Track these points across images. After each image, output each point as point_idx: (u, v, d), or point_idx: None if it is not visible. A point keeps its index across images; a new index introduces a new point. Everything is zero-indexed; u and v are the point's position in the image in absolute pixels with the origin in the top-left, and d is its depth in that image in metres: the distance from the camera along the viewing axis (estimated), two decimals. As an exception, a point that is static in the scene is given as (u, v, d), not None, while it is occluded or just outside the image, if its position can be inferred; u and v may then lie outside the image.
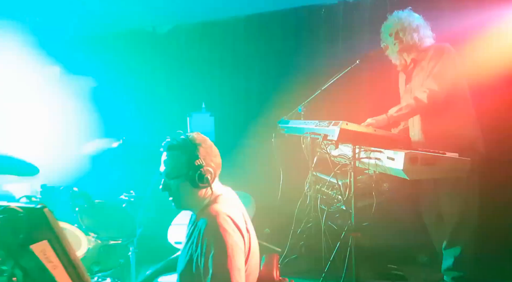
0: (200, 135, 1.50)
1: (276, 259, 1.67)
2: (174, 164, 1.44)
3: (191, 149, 1.44)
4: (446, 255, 2.63)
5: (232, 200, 1.51)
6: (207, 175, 1.42)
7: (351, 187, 2.47)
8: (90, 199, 2.27)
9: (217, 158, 1.50)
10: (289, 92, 3.84)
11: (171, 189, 1.45)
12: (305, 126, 2.67)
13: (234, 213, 1.40)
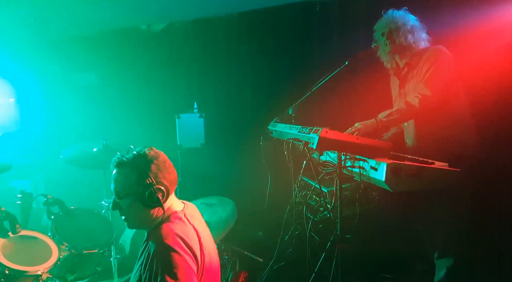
0: (152, 151, 1.43)
1: (243, 277, 1.61)
2: (123, 182, 1.38)
3: (141, 166, 1.37)
4: (438, 266, 2.55)
5: (189, 217, 1.45)
6: (158, 194, 1.36)
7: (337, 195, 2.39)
8: (64, 206, 2.24)
9: (171, 174, 1.43)
10: (283, 93, 3.75)
11: (121, 208, 1.40)
12: (289, 131, 2.58)
13: (186, 233, 1.33)
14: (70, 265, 2.17)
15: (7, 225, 1.89)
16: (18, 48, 3.87)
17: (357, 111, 2.96)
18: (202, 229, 1.47)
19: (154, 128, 3.79)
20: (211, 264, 1.42)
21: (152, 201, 1.35)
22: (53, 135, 3.80)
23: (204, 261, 1.35)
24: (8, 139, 3.76)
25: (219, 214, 2.43)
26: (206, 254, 1.37)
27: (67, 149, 2.68)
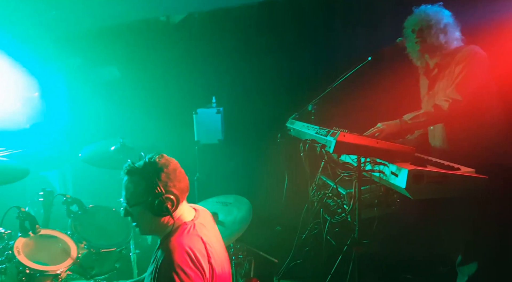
0: (163, 159, 1.42)
1: (254, 285, 1.60)
2: (133, 191, 1.39)
3: (150, 175, 1.36)
4: (460, 272, 2.47)
5: (199, 227, 1.44)
6: (167, 203, 1.35)
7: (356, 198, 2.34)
8: (83, 205, 2.30)
9: (182, 182, 1.42)
10: (303, 88, 3.68)
11: (132, 215, 1.41)
12: (306, 131, 2.53)
13: (194, 246, 1.33)
14: (89, 263, 2.24)
15: (27, 225, 1.96)
16: (40, 43, 3.94)
17: (380, 110, 2.85)
18: (211, 237, 1.46)
19: (171, 124, 3.78)
20: (221, 273, 1.41)
21: (161, 210, 1.35)
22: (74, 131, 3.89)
23: (213, 271, 1.35)
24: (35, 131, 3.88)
25: (235, 214, 2.42)
26: (215, 264, 1.37)
27: (85, 148, 2.73)
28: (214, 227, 1.59)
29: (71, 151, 3.44)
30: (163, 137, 3.73)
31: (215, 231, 1.57)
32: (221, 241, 1.59)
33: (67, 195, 2.31)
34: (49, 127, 3.95)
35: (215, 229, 1.59)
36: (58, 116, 3.96)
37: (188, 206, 1.52)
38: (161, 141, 3.65)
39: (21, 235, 1.97)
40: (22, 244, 1.98)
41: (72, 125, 3.96)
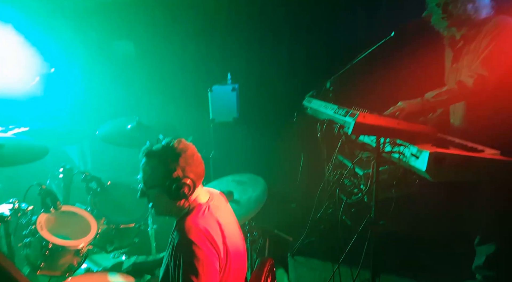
0: (181, 144, 1.42)
1: (269, 264, 1.62)
2: (150, 174, 1.41)
3: (169, 160, 1.38)
4: (478, 252, 2.46)
5: (213, 209, 1.45)
6: (184, 188, 1.36)
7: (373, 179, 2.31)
8: (101, 182, 2.35)
9: (199, 167, 1.42)
10: (322, 64, 3.58)
11: (149, 196, 1.43)
12: (324, 111, 2.48)
13: (209, 227, 1.35)
14: (109, 238, 2.32)
15: (49, 202, 2.03)
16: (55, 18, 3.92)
17: (402, 88, 2.75)
18: (226, 219, 1.48)
19: (187, 102, 3.77)
20: (236, 253, 1.44)
21: (178, 195, 1.36)
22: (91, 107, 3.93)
23: (228, 252, 1.37)
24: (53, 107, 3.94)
25: (249, 193, 2.43)
26: (230, 244, 1.39)
27: (102, 125, 2.76)
28: (229, 208, 1.61)
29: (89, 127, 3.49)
30: (178, 115, 3.73)
31: (230, 212, 1.59)
32: (235, 221, 1.61)
33: (86, 172, 2.36)
34: (67, 103, 4.00)
35: (230, 210, 1.60)
36: (75, 92, 4.00)
37: (203, 188, 1.53)
38: (177, 119, 3.65)
39: (43, 211, 2.04)
40: (45, 220, 2.06)
41: (89, 101, 4.00)
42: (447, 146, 1.88)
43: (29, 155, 2.09)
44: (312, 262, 3.11)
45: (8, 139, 2.12)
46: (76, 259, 2.03)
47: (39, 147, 2.18)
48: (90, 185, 2.36)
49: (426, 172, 1.82)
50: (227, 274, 1.38)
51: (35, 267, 1.95)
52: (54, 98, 3.90)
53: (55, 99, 3.91)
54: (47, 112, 3.82)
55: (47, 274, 1.98)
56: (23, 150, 2.11)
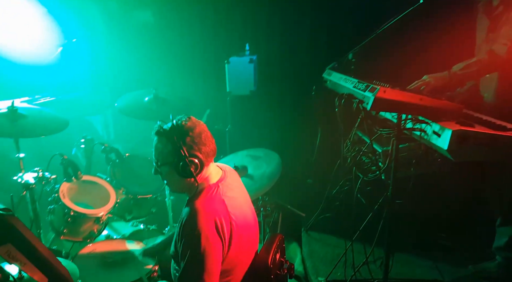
0: (190, 122, 1.42)
1: (278, 240, 1.65)
2: (160, 151, 1.44)
3: (176, 138, 1.39)
4: (499, 233, 2.41)
5: (223, 189, 1.47)
6: (190, 166, 1.37)
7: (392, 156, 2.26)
8: (120, 154, 2.42)
9: (208, 146, 1.43)
10: (345, 33, 3.44)
11: (162, 174, 1.46)
12: (344, 84, 2.41)
13: (217, 208, 1.37)
14: (127, 207, 2.41)
15: (70, 171, 2.11)
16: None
17: (429, 61, 2.63)
18: (237, 197, 1.50)
19: (205, 74, 3.74)
20: (245, 230, 1.46)
21: (185, 173, 1.38)
22: (112, 78, 3.97)
23: (233, 232, 1.38)
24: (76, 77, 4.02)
25: (263, 168, 2.44)
26: (237, 224, 1.40)
27: (121, 97, 2.79)
28: (240, 185, 1.63)
29: (112, 98, 3.55)
30: (197, 88, 3.72)
31: (241, 189, 1.60)
32: (246, 198, 1.62)
33: (105, 144, 2.43)
34: (89, 74, 4.06)
35: (241, 187, 1.62)
36: (97, 63, 4.04)
37: (215, 167, 1.54)
38: (195, 91, 3.65)
39: (66, 180, 2.13)
40: (67, 189, 2.16)
41: (110, 73, 4.04)
42: (472, 123, 1.81)
43: (51, 127, 2.16)
44: (326, 238, 3.13)
45: (31, 110, 2.19)
46: (96, 226, 2.13)
47: (59, 119, 2.24)
48: (109, 156, 2.43)
49: (447, 151, 1.77)
50: (235, 251, 1.40)
51: (58, 232, 2.06)
52: (77, 69, 3.96)
53: (78, 70, 3.97)
54: (71, 83, 3.91)
55: (70, 239, 2.09)
56: (44, 122, 2.18)
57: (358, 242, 2.55)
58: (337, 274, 2.65)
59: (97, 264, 1.94)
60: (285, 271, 1.63)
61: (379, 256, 2.69)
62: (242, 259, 1.47)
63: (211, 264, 1.30)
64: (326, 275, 2.66)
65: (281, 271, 1.61)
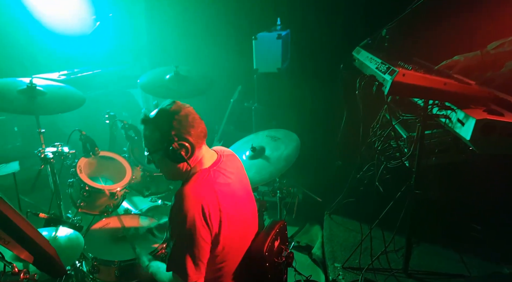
0: (175, 106, 1.41)
1: (279, 226, 1.63)
2: (149, 139, 1.45)
3: (162, 124, 1.39)
4: None
5: (215, 173, 1.46)
6: (181, 150, 1.37)
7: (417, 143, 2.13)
8: (138, 131, 2.49)
9: (197, 128, 1.41)
10: (383, 9, 3.19)
11: (155, 162, 1.48)
12: (369, 64, 2.26)
13: (205, 194, 1.37)
14: (145, 184, 2.51)
15: (88, 147, 2.22)
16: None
17: (469, 38, 2.38)
18: (232, 184, 1.48)
19: (231, 50, 3.68)
20: (238, 216, 1.46)
21: (176, 157, 1.38)
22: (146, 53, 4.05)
23: (222, 219, 1.38)
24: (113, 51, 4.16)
25: (281, 150, 2.40)
26: (226, 212, 1.40)
27: (144, 74, 2.83)
28: (239, 171, 1.61)
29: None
30: (220, 65, 3.69)
31: (239, 175, 1.58)
32: (244, 184, 1.61)
33: (124, 121, 2.51)
34: (129, 47, 4.18)
35: (239, 173, 1.60)
36: (136, 37, 4.13)
37: (209, 150, 1.53)
38: (218, 68, 3.62)
39: (84, 155, 2.25)
40: (84, 164, 2.28)
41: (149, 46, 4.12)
42: (502, 112, 1.62)
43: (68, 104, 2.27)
44: (348, 223, 3.08)
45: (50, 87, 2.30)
46: (112, 201, 2.25)
47: (77, 96, 2.34)
48: (129, 133, 2.51)
49: (470, 142, 1.63)
50: (226, 238, 1.41)
51: (76, 205, 2.21)
52: (117, 43, 4.10)
53: (117, 44, 4.10)
54: (113, 56, 4.06)
55: (87, 213, 2.23)
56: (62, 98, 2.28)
57: (379, 230, 2.49)
58: (355, 262, 2.61)
59: (107, 238, 2.06)
60: (283, 259, 1.62)
61: (400, 245, 2.60)
62: (235, 245, 1.47)
63: (197, 248, 1.32)
64: (343, 262, 2.63)
65: (279, 258, 1.60)
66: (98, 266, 1.92)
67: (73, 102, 2.27)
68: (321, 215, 3.26)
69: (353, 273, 2.55)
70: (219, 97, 3.72)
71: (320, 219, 3.25)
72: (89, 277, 1.95)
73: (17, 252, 1.10)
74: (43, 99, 2.16)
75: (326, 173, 3.44)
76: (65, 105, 2.26)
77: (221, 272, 1.46)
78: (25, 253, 1.10)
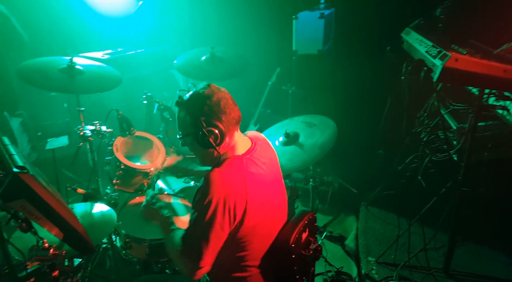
0: (208, 89, 1.37)
1: (308, 218, 1.58)
2: (181, 122, 1.43)
3: (193, 108, 1.37)
4: None
5: (247, 162, 1.42)
6: (210, 137, 1.34)
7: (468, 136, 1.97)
8: (173, 113, 2.51)
9: (229, 114, 1.37)
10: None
11: (187, 145, 1.46)
12: (418, 47, 2.09)
13: (233, 183, 1.34)
14: (178, 165, 2.54)
15: (125, 126, 2.28)
16: None
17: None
18: (262, 174, 1.44)
19: (270, 31, 3.57)
20: (265, 208, 1.42)
21: (205, 143, 1.36)
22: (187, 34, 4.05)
23: (247, 209, 1.35)
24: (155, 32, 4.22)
25: (316, 138, 2.31)
26: (253, 202, 1.37)
27: (181, 55, 2.83)
28: (272, 160, 1.56)
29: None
30: (258, 46, 3.61)
31: (271, 165, 1.54)
32: (276, 174, 1.57)
33: (160, 102, 2.54)
34: (167, 28, 4.21)
35: (272, 163, 1.55)
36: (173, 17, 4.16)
37: (243, 137, 1.50)
38: (256, 50, 3.54)
39: (120, 135, 2.31)
40: (120, 143, 2.34)
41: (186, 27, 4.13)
42: None
43: (104, 84, 2.33)
44: (385, 216, 2.96)
45: (89, 67, 2.37)
46: (146, 180, 2.30)
47: (114, 76, 2.39)
48: (164, 114, 2.54)
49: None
50: (249, 228, 1.38)
51: (113, 183, 2.29)
52: (158, 23, 4.15)
53: (159, 24, 4.15)
54: (154, 37, 4.13)
55: (123, 190, 2.31)
56: (99, 78, 2.34)
57: (419, 226, 2.37)
58: (390, 257, 2.51)
59: (140, 216, 2.12)
60: (311, 252, 1.57)
61: (442, 243, 2.46)
62: (260, 234, 1.44)
63: (213, 234, 1.30)
64: (377, 256, 2.55)
65: (306, 251, 1.56)
66: (130, 243, 1.99)
67: (110, 82, 2.32)
68: (357, 206, 3.16)
69: (388, 268, 2.46)
70: (256, 80, 3.67)
71: (355, 210, 3.16)
72: (122, 252, 2.04)
73: (48, 228, 1.14)
74: (81, 78, 2.23)
75: (365, 163, 3.31)
76: (102, 85, 2.32)
77: (245, 258, 1.45)
78: (55, 230, 1.14)
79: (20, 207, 1.07)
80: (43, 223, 1.12)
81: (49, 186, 1.24)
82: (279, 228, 1.54)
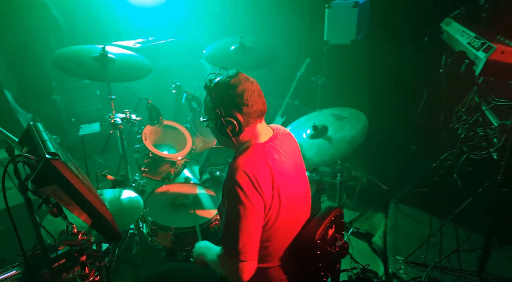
0: (235, 79, 1.35)
1: (335, 214, 1.54)
2: (205, 106, 1.45)
3: (216, 96, 1.36)
4: None
5: (270, 150, 1.40)
6: (227, 127, 1.34)
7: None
8: (201, 103, 2.52)
9: (251, 107, 1.35)
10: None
11: (210, 129, 1.47)
12: (459, 39, 1.98)
13: (258, 167, 1.32)
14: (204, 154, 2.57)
15: (154, 115, 2.31)
16: None
17: None
18: (285, 163, 1.42)
19: (301, 20, 3.49)
20: (287, 197, 1.40)
21: (223, 132, 1.36)
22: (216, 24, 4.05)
23: (275, 196, 1.35)
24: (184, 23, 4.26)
25: (345, 131, 2.25)
26: (281, 188, 1.36)
27: (210, 45, 2.82)
28: (294, 152, 1.53)
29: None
30: (288, 36, 3.54)
31: (293, 156, 1.51)
32: (299, 166, 1.54)
33: (188, 92, 2.55)
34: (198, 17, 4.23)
35: (294, 154, 1.53)
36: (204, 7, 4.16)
37: (265, 127, 1.47)
38: (285, 40, 3.47)
39: (149, 123, 2.35)
40: (149, 131, 2.38)
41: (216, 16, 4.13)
42: None
43: (135, 73, 2.37)
44: (416, 214, 2.87)
45: (120, 56, 2.40)
46: (173, 169, 2.34)
47: (145, 65, 2.42)
48: (192, 103, 2.56)
49: None
50: (274, 215, 1.37)
51: (141, 170, 2.34)
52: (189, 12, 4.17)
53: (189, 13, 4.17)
54: (185, 26, 4.16)
55: (150, 178, 2.36)
56: (130, 67, 2.38)
57: (452, 226, 2.28)
58: (420, 257, 2.43)
59: (166, 204, 2.16)
60: (337, 249, 1.54)
61: (477, 246, 2.36)
62: (283, 226, 1.42)
63: (250, 220, 1.29)
64: (406, 255, 2.47)
65: (332, 248, 1.53)
66: (156, 230, 2.03)
67: (140, 71, 2.36)
68: (386, 203, 3.07)
69: (417, 268, 2.39)
70: (285, 70, 3.61)
71: (384, 206, 3.07)
72: (148, 239, 2.08)
73: (77, 214, 1.17)
74: (113, 67, 2.27)
75: (397, 158, 3.20)
76: (133, 74, 2.36)
77: (266, 251, 1.43)
78: (84, 216, 1.17)
79: (51, 192, 1.10)
80: (72, 209, 1.15)
81: (79, 172, 1.27)
82: (303, 219, 1.52)
